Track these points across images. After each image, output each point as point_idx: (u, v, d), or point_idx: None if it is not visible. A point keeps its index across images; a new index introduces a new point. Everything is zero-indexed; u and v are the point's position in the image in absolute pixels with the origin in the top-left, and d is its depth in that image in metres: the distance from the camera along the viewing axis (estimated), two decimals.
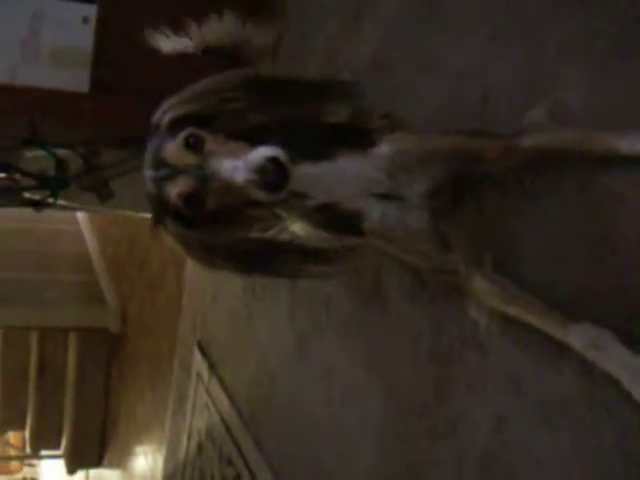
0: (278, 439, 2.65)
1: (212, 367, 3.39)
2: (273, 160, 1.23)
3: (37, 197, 2.89)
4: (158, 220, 1.43)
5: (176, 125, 1.36)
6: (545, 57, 1.52)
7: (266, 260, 1.47)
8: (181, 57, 2.77)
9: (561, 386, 1.39)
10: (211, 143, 1.32)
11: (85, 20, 2.60)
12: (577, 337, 1.27)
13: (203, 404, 3.52)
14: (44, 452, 6.76)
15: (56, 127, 2.74)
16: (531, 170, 1.44)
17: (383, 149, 1.43)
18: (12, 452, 7.73)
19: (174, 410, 4.07)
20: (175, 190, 1.33)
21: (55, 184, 2.86)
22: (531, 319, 1.36)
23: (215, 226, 1.41)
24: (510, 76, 1.62)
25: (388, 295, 1.98)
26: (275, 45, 2.19)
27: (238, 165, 1.25)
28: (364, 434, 2.05)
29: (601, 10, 1.39)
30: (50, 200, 2.88)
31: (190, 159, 1.32)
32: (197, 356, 3.59)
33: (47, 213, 3.14)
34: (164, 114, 1.41)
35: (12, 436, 7.55)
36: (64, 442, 6.32)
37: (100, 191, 2.91)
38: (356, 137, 1.47)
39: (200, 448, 3.60)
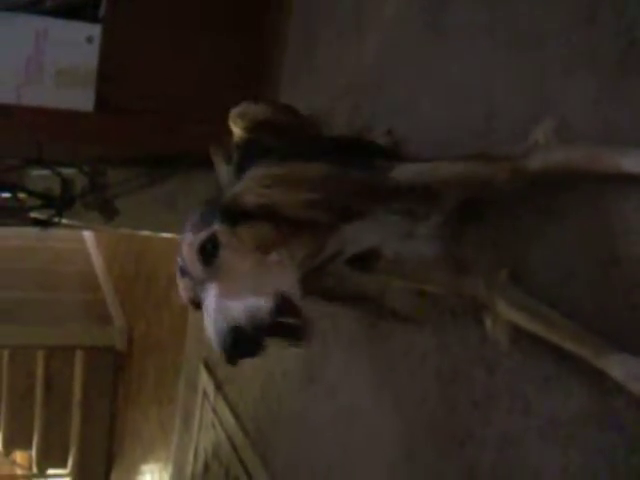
0: (285, 458, 2.63)
1: (218, 385, 3.37)
2: (237, 331, 1.13)
3: (43, 216, 2.89)
4: None
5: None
6: (549, 72, 1.52)
7: None
8: (186, 77, 2.80)
9: (570, 405, 1.37)
10: (225, 259, 1.23)
11: (89, 39, 2.60)
12: (617, 368, 1.23)
13: (209, 423, 3.50)
14: (50, 471, 6.72)
15: (61, 146, 2.75)
16: (538, 189, 1.43)
17: (394, 181, 1.42)
18: (19, 471, 7.69)
19: (180, 429, 4.05)
20: (180, 286, 1.31)
21: (60, 203, 2.86)
22: (560, 341, 1.33)
23: None
24: (514, 92, 1.61)
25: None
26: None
27: (209, 327, 1.16)
28: (371, 452, 2.03)
29: (607, 23, 1.39)
30: (55, 219, 2.88)
31: (197, 269, 1.25)
32: (203, 374, 3.58)
33: (53, 232, 3.14)
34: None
35: (19, 455, 7.52)
36: (70, 461, 6.30)
37: (105, 210, 2.91)
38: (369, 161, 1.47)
39: (206, 467, 3.57)
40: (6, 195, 2.87)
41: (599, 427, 1.32)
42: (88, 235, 7.26)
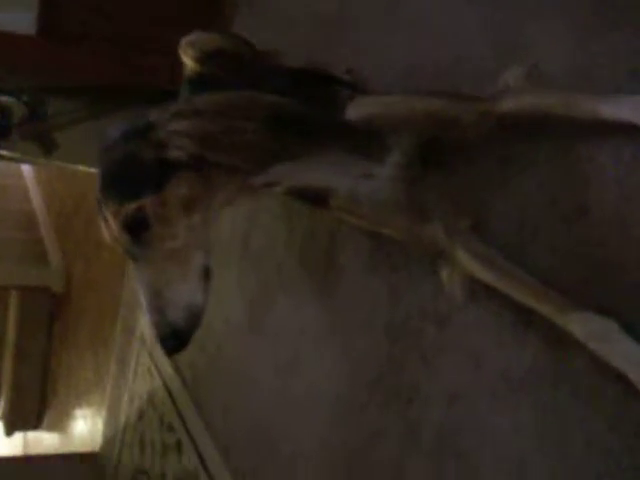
0: (222, 406, 2.57)
1: None
2: (177, 335, 1.21)
3: None
4: None
5: (166, 146, 1.24)
6: (523, 12, 1.44)
7: None
8: (137, 4, 2.65)
9: (524, 361, 1.32)
10: (153, 234, 1.22)
11: None
12: (579, 326, 1.17)
13: (145, 368, 3.43)
14: None
15: None
16: (505, 136, 1.35)
17: (352, 113, 1.34)
18: None
19: (115, 373, 3.97)
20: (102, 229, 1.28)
21: None
22: (521, 296, 1.27)
23: None
24: (484, 33, 1.53)
25: (343, 262, 1.89)
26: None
27: (148, 316, 1.21)
28: (314, 404, 1.97)
29: None
30: None
31: (125, 241, 1.23)
32: (141, 318, 3.49)
33: None
34: (166, 119, 1.26)
35: None
36: (2, 403, 6.17)
37: (44, 142, 2.76)
38: (324, 96, 1.38)
39: (141, 413, 3.52)
40: None
41: (553, 385, 1.27)
42: (27, 170, 7.05)
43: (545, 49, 1.38)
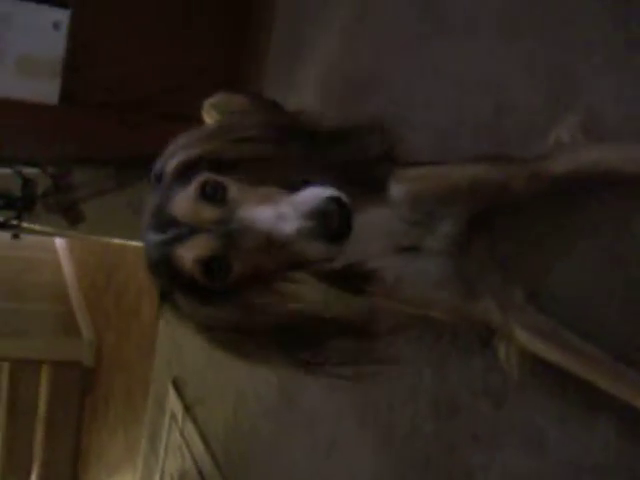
0: None
1: (187, 408, 3.16)
2: (335, 200, 0.91)
3: (0, 218, 2.67)
4: (165, 295, 1.10)
5: (186, 172, 1.05)
6: (571, 58, 1.31)
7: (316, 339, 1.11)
8: (161, 71, 2.59)
9: (594, 448, 1.17)
10: (235, 191, 1.01)
11: (56, 26, 2.39)
12: None
13: (176, 446, 3.30)
14: None
15: (22, 142, 2.53)
16: (559, 196, 1.22)
17: (397, 191, 1.20)
18: None
19: (146, 452, 3.85)
20: (191, 254, 1.01)
21: (21, 204, 2.64)
22: (590, 375, 1.12)
23: (240, 300, 1.07)
24: (528, 84, 1.41)
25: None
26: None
27: (284, 212, 0.93)
28: None
29: None
30: (14, 222, 2.65)
31: (209, 212, 1.00)
32: (172, 395, 3.37)
33: (24, 241, 2.94)
34: (169, 159, 1.09)
35: None
36: None
37: (69, 214, 2.69)
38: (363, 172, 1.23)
39: None
40: None
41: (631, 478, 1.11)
42: (60, 245, 7.08)
43: (601, 92, 1.25)
